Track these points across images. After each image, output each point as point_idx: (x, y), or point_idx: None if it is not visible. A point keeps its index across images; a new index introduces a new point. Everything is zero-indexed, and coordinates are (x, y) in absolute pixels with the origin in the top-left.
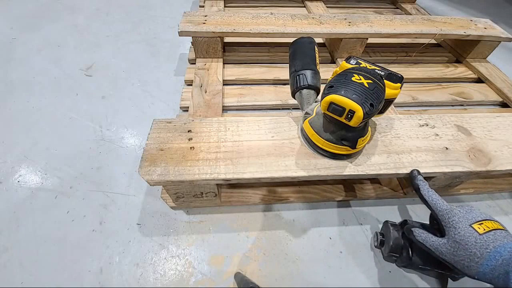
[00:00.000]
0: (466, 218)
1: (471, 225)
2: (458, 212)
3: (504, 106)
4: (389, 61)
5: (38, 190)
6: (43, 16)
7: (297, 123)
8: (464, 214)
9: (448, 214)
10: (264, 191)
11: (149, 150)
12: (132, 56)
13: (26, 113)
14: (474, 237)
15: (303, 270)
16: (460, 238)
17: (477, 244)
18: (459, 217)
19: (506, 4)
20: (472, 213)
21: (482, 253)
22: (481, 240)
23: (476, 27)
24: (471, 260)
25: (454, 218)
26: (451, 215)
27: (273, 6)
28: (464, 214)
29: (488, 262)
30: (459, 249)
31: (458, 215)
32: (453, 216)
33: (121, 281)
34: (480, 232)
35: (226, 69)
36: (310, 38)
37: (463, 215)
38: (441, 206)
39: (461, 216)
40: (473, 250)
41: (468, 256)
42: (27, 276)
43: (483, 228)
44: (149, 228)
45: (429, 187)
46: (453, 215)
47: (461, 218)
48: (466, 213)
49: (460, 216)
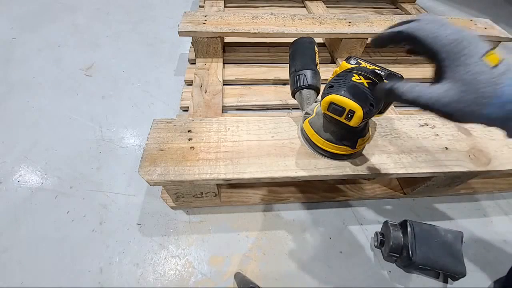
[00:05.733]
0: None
1: (482, 57)
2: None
3: None
4: (389, 61)
5: (38, 190)
6: (43, 16)
7: (297, 123)
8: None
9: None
10: (264, 191)
11: (149, 150)
12: (132, 56)
13: (26, 113)
14: (486, 73)
15: (303, 270)
16: (471, 78)
17: (489, 82)
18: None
19: (506, 4)
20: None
21: (493, 91)
22: (492, 75)
23: (476, 27)
24: (477, 103)
25: (464, 52)
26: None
27: (273, 6)
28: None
29: (498, 100)
30: (468, 93)
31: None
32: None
33: (121, 281)
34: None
35: (226, 69)
36: (310, 38)
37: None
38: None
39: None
40: (483, 90)
41: (475, 100)
42: (27, 276)
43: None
44: (149, 228)
45: None
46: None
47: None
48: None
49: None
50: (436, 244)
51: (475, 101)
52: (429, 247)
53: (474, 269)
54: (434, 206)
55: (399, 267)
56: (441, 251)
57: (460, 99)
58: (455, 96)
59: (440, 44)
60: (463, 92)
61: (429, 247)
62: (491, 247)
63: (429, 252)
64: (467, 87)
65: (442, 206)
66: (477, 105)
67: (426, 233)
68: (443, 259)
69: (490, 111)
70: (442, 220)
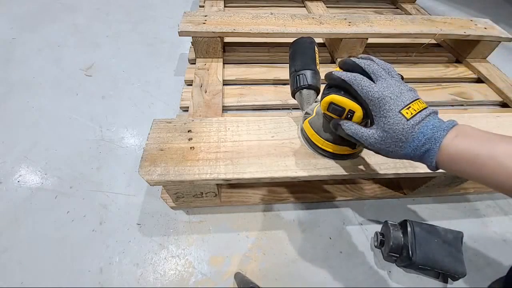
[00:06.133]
0: (396, 104)
1: (400, 111)
2: (389, 99)
3: (504, 106)
4: (389, 61)
5: (38, 190)
6: (43, 16)
7: (297, 123)
8: (395, 99)
9: (380, 103)
10: (264, 191)
11: (149, 150)
12: (132, 56)
13: (26, 113)
14: (402, 124)
15: (303, 270)
16: (388, 127)
17: (404, 131)
18: (389, 104)
19: (506, 4)
20: (402, 96)
21: (407, 138)
22: (407, 125)
23: (476, 27)
24: (396, 145)
25: (385, 107)
26: (382, 104)
27: (273, 6)
28: (394, 100)
29: (412, 144)
30: (387, 138)
31: (389, 103)
32: (384, 105)
33: (121, 281)
34: (408, 117)
35: (226, 69)
36: (310, 38)
37: (393, 101)
38: (373, 95)
39: (391, 103)
40: (399, 136)
41: (394, 143)
42: (27, 276)
43: (411, 112)
44: (149, 228)
45: None
46: (385, 103)
47: (392, 106)
48: (396, 98)
49: (391, 103)
50: (436, 244)
51: (394, 143)
52: (429, 247)
53: (474, 269)
54: (434, 206)
55: (399, 267)
56: (441, 251)
57: (382, 141)
58: (379, 138)
59: (369, 98)
60: (384, 136)
61: (429, 247)
62: (491, 247)
63: (429, 252)
64: (387, 134)
65: (442, 206)
66: (396, 146)
67: (426, 233)
68: (443, 259)
69: (407, 152)
70: (442, 220)
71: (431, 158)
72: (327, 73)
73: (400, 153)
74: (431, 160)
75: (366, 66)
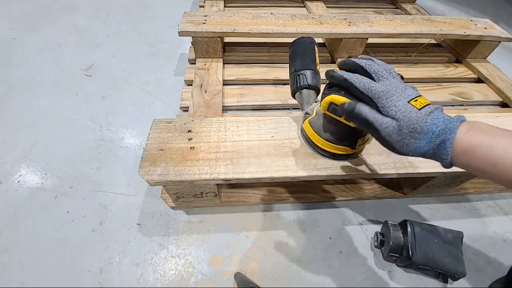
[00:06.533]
0: (403, 96)
1: (409, 102)
2: (395, 92)
3: (504, 106)
4: (389, 61)
5: (38, 190)
6: (43, 16)
7: (297, 123)
8: (400, 93)
9: (386, 95)
10: (264, 191)
11: (149, 150)
12: (132, 56)
13: (26, 113)
14: (415, 112)
15: (303, 270)
16: (402, 115)
17: (418, 119)
18: (397, 95)
19: (506, 4)
20: (406, 91)
21: (422, 127)
22: (420, 114)
23: (476, 27)
24: (411, 136)
25: (393, 98)
26: (389, 95)
27: (273, 6)
28: (400, 93)
29: (426, 135)
30: (403, 127)
31: (396, 94)
32: (391, 96)
33: (121, 281)
34: (418, 107)
35: (226, 69)
36: (310, 38)
37: (400, 94)
38: (376, 89)
39: (398, 94)
40: (415, 126)
41: (410, 133)
42: (27, 276)
43: (419, 103)
44: (149, 228)
45: None
46: (392, 95)
47: (400, 97)
48: (401, 92)
49: (398, 95)
50: (436, 244)
51: (409, 134)
52: (429, 247)
53: (474, 269)
54: (434, 206)
55: (399, 267)
56: (441, 251)
57: (399, 131)
58: (396, 127)
59: (373, 93)
60: (400, 126)
61: (429, 247)
62: (491, 247)
63: (429, 252)
64: (402, 122)
65: (442, 206)
66: (412, 137)
67: (426, 233)
68: (443, 259)
69: (421, 144)
70: (442, 220)
71: (447, 151)
72: (328, 71)
73: (414, 146)
74: (447, 153)
75: (367, 66)
